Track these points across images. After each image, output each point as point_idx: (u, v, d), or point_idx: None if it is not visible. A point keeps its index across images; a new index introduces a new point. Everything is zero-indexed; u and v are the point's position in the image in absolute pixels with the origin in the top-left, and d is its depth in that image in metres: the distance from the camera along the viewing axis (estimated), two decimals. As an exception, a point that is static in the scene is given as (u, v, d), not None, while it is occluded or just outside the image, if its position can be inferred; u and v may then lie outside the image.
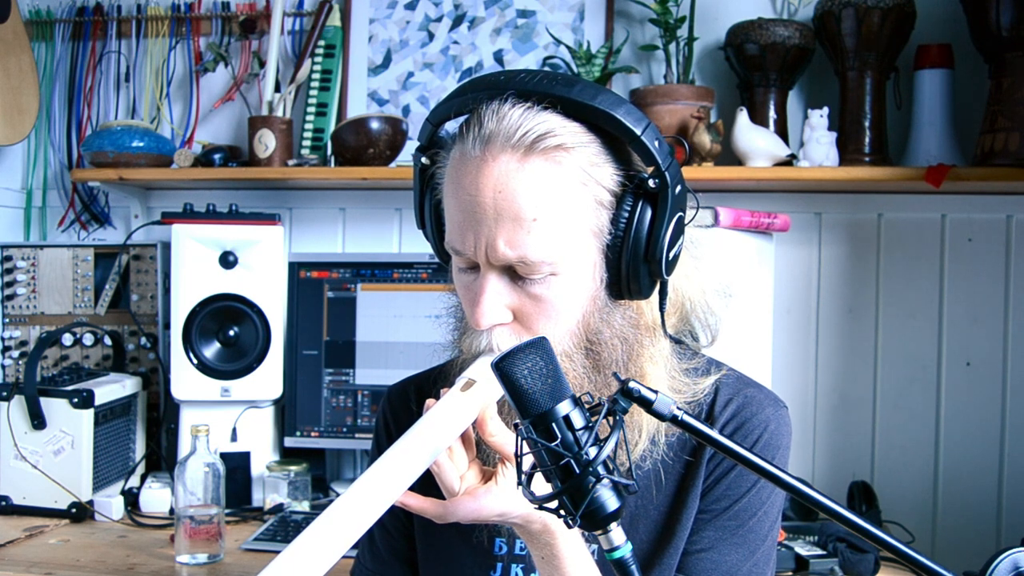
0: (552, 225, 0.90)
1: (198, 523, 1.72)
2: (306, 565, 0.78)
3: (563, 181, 0.90)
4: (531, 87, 0.91)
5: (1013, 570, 0.74)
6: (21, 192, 2.54)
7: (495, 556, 1.08)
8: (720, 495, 1.03)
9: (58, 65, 2.50)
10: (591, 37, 2.20)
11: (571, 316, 0.94)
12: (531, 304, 0.93)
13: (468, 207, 0.91)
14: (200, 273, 2.07)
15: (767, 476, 0.76)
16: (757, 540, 1.02)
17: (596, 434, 0.79)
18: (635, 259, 0.93)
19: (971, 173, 1.88)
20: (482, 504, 0.90)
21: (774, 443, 1.03)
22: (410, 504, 0.90)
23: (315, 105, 2.31)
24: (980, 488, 2.05)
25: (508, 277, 0.93)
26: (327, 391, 2.14)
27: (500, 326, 0.94)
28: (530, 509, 0.91)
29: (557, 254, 0.91)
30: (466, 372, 0.93)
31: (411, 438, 0.87)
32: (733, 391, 1.06)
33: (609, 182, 0.93)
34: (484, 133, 0.91)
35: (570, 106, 0.90)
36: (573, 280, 0.93)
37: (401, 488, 0.85)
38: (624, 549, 0.79)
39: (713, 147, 1.99)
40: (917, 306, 2.09)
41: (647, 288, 0.96)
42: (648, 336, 1.00)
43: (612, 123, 0.90)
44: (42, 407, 1.97)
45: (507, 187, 0.89)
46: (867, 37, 1.94)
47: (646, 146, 0.90)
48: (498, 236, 0.90)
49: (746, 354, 1.83)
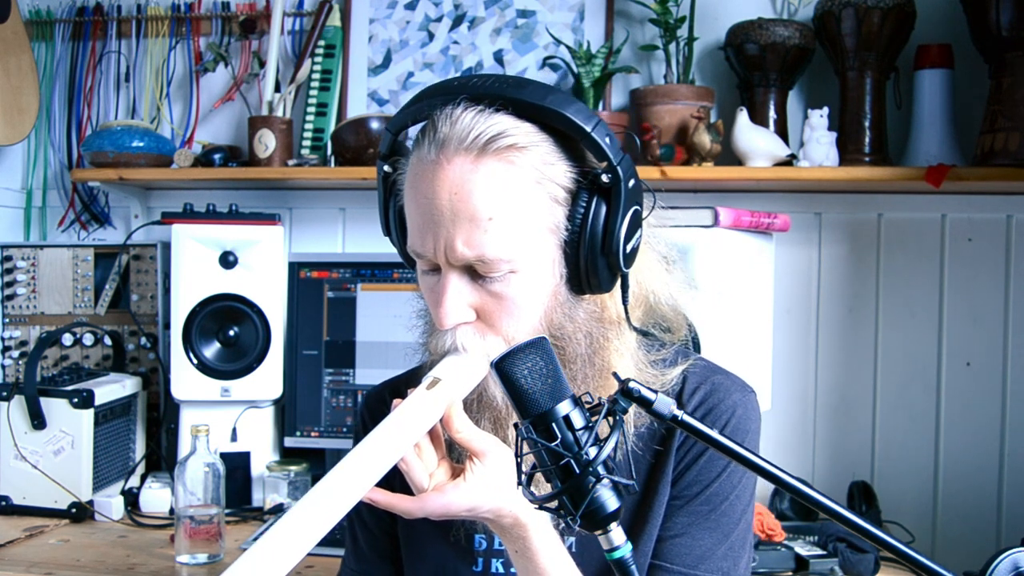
0: (508, 223, 0.92)
1: (198, 523, 1.72)
2: (272, 562, 0.79)
3: (517, 180, 0.92)
4: (482, 90, 0.94)
5: (1013, 570, 0.74)
6: (21, 192, 2.54)
7: (476, 552, 1.10)
8: (691, 481, 1.04)
9: (58, 65, 2.50)
10: (591, 37, 2.20)
11: (533, 312, 0.96)
12: (493, 302, 0.95)
13: (426, 210, 0.94)
14: (200, 273, 2.07)
15: (762, 472, 0.76)
16: (730, 524, 1.04)
17: (596, 434, 0.79)
18: (592, 253, 0.95)
19: (971, 173, 1.88)
20: (450, 499, 0.91)
21: (743, 427, 1.05)
22: (378, 500, 0.92)
23: (315, 105, 2.31)
24: (980, 488, 2.05)
25: (469, 276, 0.95)
26: (327, 391, 2.14)
27: (464, 325, 0.96)
28: (500, 503, 0.92)
29: (515, 252, 0.93)
30: (432, 371, 0.95)
31: (375, 436, 0.89)
32: (701, 378, 1.08)
33: (563, 179, 0.95)
34: (439, 138, 0.93)
35: (521, 107, 0.93)
36: (533, 277, 0.95)
37: (366, 486, 0.86)
38: (624, 549, 0.80)
39: (713, 147, 1.99)
40: (917, 306, 2.09)
41: (607, 281, 0.98)
42: (613, 329, 1.02)
43: (563, 121, 0.93)
44: (42, 407, 1.97)
45: (462, 188, 0.92)
46: (867, 37, 1.94)
47: (597, 142, 0.93)
48: (456, 236, 0.92)
49: (746, 354, 1.84)
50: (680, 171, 2.01)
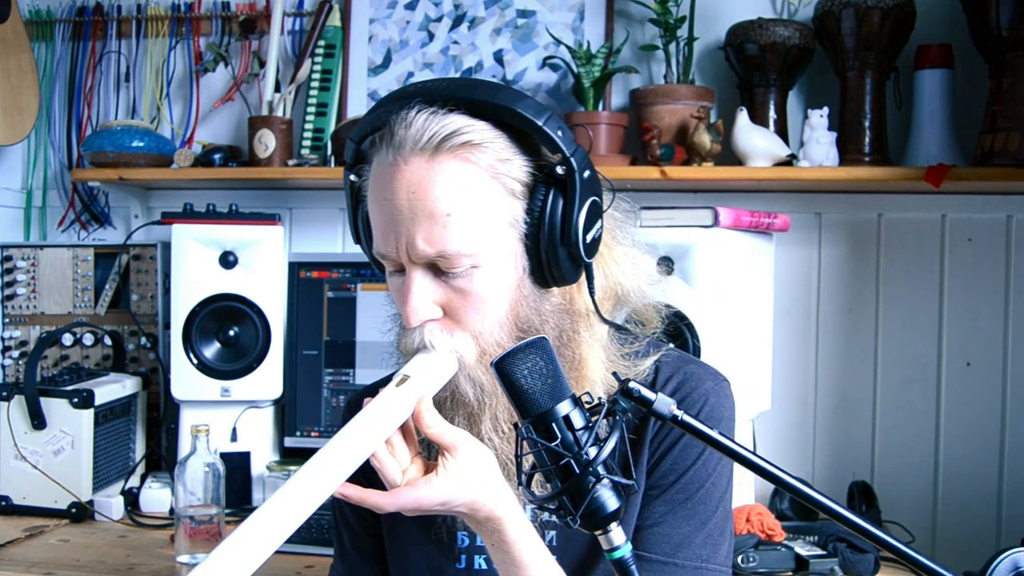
0: (466, 219, 0.94)
1: (198, 523, 1.72)
2: (241, 559, 0.80)
3: (473, 176, 0.95)
4: (436, 93, 0.97)
5: (1013, 570, 0.74)
6: (21, 192, 2.54)
7: (459, 549, 1.10)
8: (667, 470, 1.05)
9: (58, 65, 2.50)
10: (591, 37, 2.20)
11: (499, 307, 0.98)
12: (458, 298, 0.97)
13: (387, 211, 0.97)
14: (200, 273, 2.07)
15: (767, 475, 0.76)
16: (708, 511, 1.05)
17: (596, 434, 0.79)
18: (552, 244, 0.97)
19: (971, 173, 1.88)
20: (421, 494, 0.92)
21: (715, 415, 1.06)
22: (350, 496, 0.92)
23: (315, 105, 2.31)
24: (980, 488, 2.05)
25: (432, 274, 0.97)
26: (327, 391, 2.14)
27: (431, 322, 0.98)
28: (473, 497, 0.93)
29: (475, 246, 0.95)
30: (402, 370, 0.96)
31: (344, 434, 0.90)
32: (674, 368, 1.09)
33: (519, 173, 0.97)
34: (395, 141, 0.96)
35: (474, 106, 0.96)
36: (495, 271, 0.97)
37: (335, 483, 0.87)
38: (624, 549, 0.80)
39: (713, 147, 1.99)
40: (917, 306, 2.09)
41: (570, 272, 1.00)
42: (582, 322, 1.04)
43: (514, 117, 0.95)
44: (42, 407, 1.97)
45: (419, 187, 0.94)
46: (867, 37, 1.94)
47: (548, 135, 0.95)
48: (416, 234, 0.95)
49: (746, 354, 1.84)
50: (680, 171, 2.01)
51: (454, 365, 0.98)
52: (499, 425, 0.99)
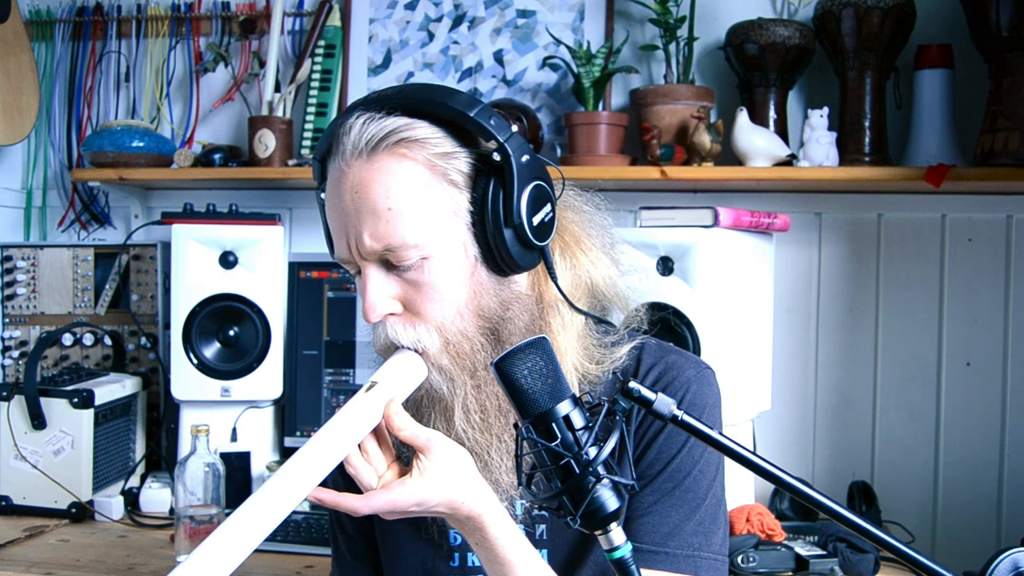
0: (407, 211, 0.97)
1: (198, 523, 1.72)
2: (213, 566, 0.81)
3: (411, 171, 0.98)
4: (375, 99, 1.01)
5: (1013, 570, 0.74)
6: (21, 192, 2.54)
7: (451, 547, 1.11)
8: (652, 460, 1.05)
9: (58, 65, 2.50)
10: (591, 37, 2.20)
11: (456, 296, 1.00)
12: (413, 291, 1.00)
13: (336, 215, 1.01)
14: (200, 273, 2.07)
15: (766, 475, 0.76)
16: (697, 499, 1.05)
17: (596, 434, 0.79)
18: (497, 228, 0.99)
19: (971, 173, 1.88)
20: (395, 496, 0.92)
21: (698, 403, 1.06)
22: (325, 500, 0.93)
23: (315, 105, 2.31)
24: (980, 488, 2.05)
25: (386, 269, 1.00)
26: (327, 391, 2.14)
27: (391, 316, 1.01)
28: (451, 496, 0.93)
29: (419, 238, 0.97)
30: (372, 376, 0.98)
31: (314, 441, 0.91)
32: (655, 358, 1.09)
33: (462, 165, 1.00)
34: (340, 149, 1.00)
35: (409, 106, 0.99)
36: (446, 261, 0.99)
37: (306, 488, 0.89)
38: (624, 549, 0.80)
39: (713, 147, 1.99)
40: (917, 306, 2.09)
41: (523, 257, 1.01)
42: (552, 310, 1.05)
43: (446, 111, 0.99)
44: (42, 407, 1.97)
45: (360, 185, 0.98)
46: (867, 37, 1.94)
47: (480, 124, 0.98)
48: (363, 231, 0.98)
49: (746, 354, 1.84)
50: (680, 171, 2.01)
51: (423, 369, 1.00)
52: (471, 416, 1.00)
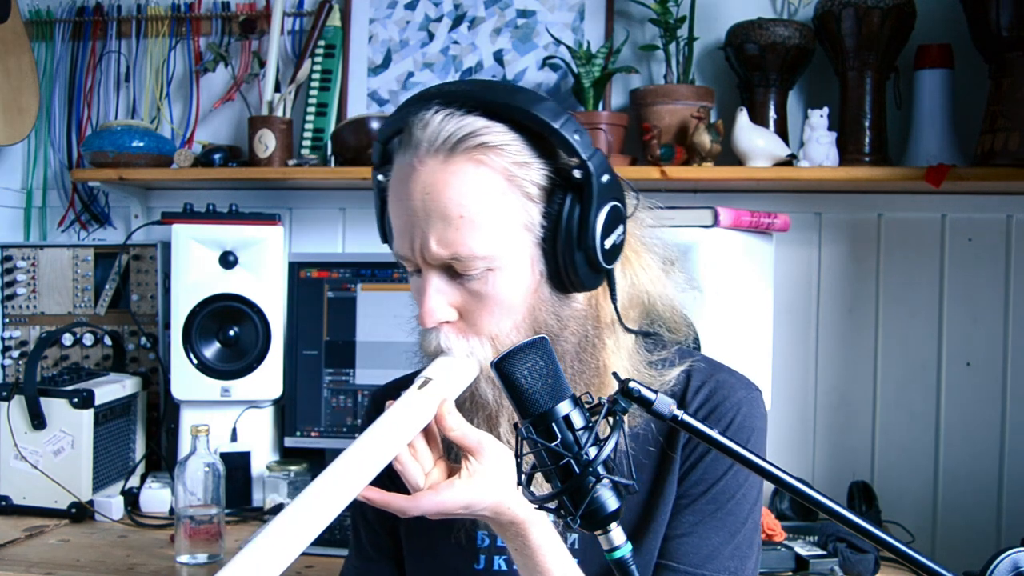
0: (480, 221, 0.94)
1: (198, 523, 1.72)
2: (266, 563, 0.80)
3: (488, 178, 0.94)
4: (454, 94, 0.96)
5: (1013, 570, 0.74)
6: (21, 192, 2.54)
7: (478, 548, 1.10)
8: (697, 479, 1.04)
9: (58, 65, 2.50)
10: (591, 37, 2.20)
11: (515, 311, 0.97)
12: (473, 301, 0.96)
13: (403, 212, 0.96)
14: (200, 273, 2.07)
15: (763, 473, 0.76)
16: (737, 523, 1.04)
17: (596, 434, 0.79)
18: (569, 249, 0.96)
19: (971, 173, 1.88)
20: (444, 497, 0.91)
21: (748, 425, 1.05)
22: (373, 499, 0.92)
23: (315, 105, 2.31)
24: (980, 488, 2.05)
25: (448, 276, 0.97)
26: (327, 391, 2.14)
27: (447, 325, 0.97)
28: (498, 500, 0.92)
29: (489, 249, 0.94)
30: (424, 372, 0.96)
31: (366, 437, 0.89)
32: (705, 376, 1.08)
33: (536, 177, 0.96)
34: (413, 142, 0.96)
35: (492, 108, 0.95)
36: (511, 275, 0.96)
37: (358, 486, 0.87)
38: (624, 549, 0.79)
39: (713, 147, 1.99)
40: (917, 306, 2.09)
41: (589, 278, 0.98)
42: (607, 329, 1.02)
43: (531, 119, 0.94)
44: (42, 407, 1.96)
45: (434, 188, 0.94)
46: (867, 37, 1.94)
47: (565, 138, 0.93)
48: (430, 236, 0.94)
49: (746, 354, 1.83)
50: (680, 171, 2.01)
51: (475, 368, 0.97)
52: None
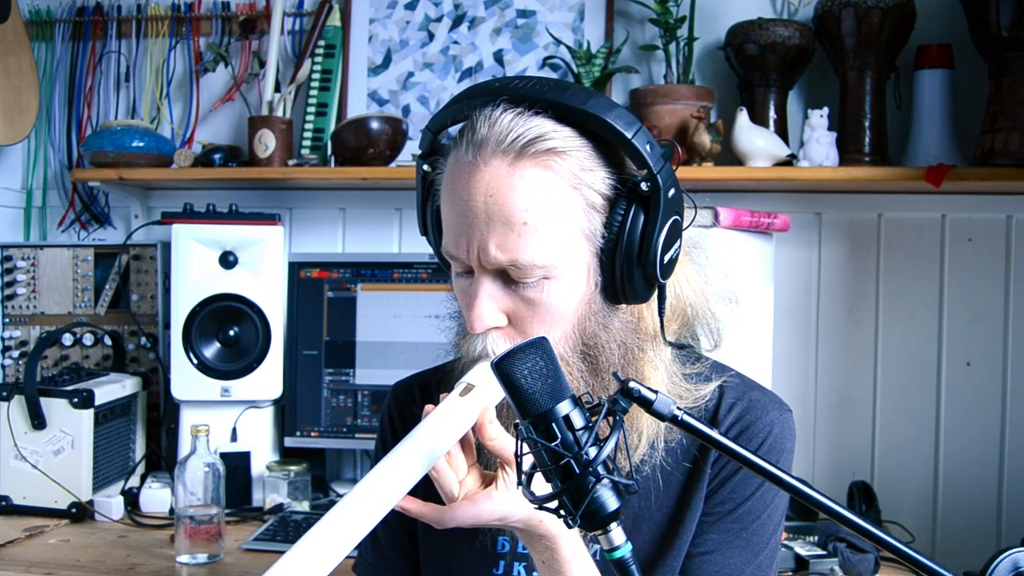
0: (543, 229, 0.90)
1: (198, 523, 1.72)
2: (308, 568, 0.79)
3: (554, 185, 0.91)
4: (523, 92, 0.92)
5: (1013, 570, 0.74)
6: (21, 192, 2.54)
7: (498, 554, 1.08)
8: (724, 498, 1.03)
9: (58, 65, 2.50)
10: (591, 37, 2.20)
11: (566, 320, 0.95)
12: (525, 308, 0.94)
13: (461, 212, 0.92)
14: (200, 273, 2.07)
15: (768, 476, 0.76)
16: (761, 543, 1.03)
17: (596, 434, 0.79)
18: (628, 262, 0.93)
19: (971, 173, 1.88)
20: (481, 509, 0.90)
21: (778, 446, 1.04)
22: (410, 509, 0.91)
23: (315, 105, 2.31)
24: (980, 488, 2.05)
25: (502, 281, 0.94)
26: (327, 391, 2.14)
27: (495, 330, 0.94)
28: (531, 513, 0.91)
29: (549, 258, 0.91)
30: (465, 377, 0.93)
31: (409, 443, 0.87)
32: (738, 394, 1.06)
33: (601, 185, 0.93)
34: (477, 139, 0.92)
35: (561, 110, 0.91)
36: (567, 284, 0.93)
37: (399, 494, 0.85)
38: (624, 549, 0.79)
39: (713, 147, 1.99)
40: (917, 306, 2.09)
41: (643, 292, 0.96)
42: (649, 341, 1.00)
43: (603, 127, 0.90)
44: (42, 407, 1.96)
45: (497, 191, 0.90)
46: (867, 37, 1.94)
47: (637, 149, 0.90)
48: (489, 240, 0.91)
49: (746, 354, 1.83)
50: (680, 171, 1.99)
51: None
52: None
